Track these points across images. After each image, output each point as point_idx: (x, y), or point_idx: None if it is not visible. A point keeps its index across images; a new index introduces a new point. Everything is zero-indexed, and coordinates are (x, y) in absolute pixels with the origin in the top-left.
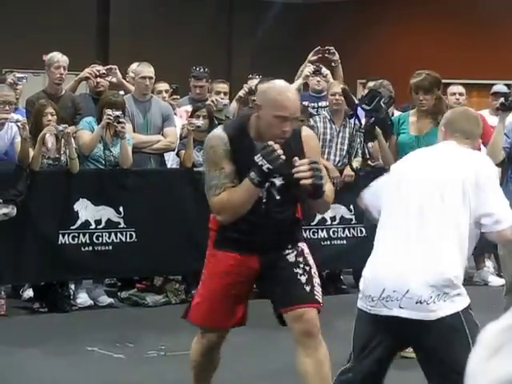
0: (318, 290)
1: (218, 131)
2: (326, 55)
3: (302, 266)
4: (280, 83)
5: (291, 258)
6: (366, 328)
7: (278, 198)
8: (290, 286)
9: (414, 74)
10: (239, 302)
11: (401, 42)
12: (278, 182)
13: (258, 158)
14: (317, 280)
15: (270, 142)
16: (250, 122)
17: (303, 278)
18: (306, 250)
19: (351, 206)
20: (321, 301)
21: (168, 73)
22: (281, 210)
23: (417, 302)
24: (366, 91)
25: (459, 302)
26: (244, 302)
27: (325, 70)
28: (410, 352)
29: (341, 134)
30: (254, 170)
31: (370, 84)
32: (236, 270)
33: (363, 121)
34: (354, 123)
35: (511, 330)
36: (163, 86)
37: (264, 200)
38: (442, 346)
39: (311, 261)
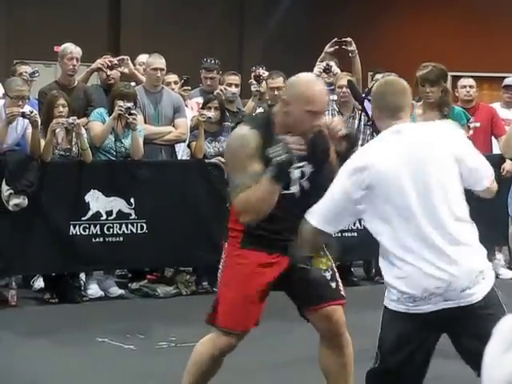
0: (341, 284)
1: (245, 129)
2: (343, 47)
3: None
4: (307, 77)
5: None
6: (405, 329)
7: (307, 187)
8: (316, 284)
9: (420, 66)
10: (262, 302)
11: (410, 33)
12: (307, 169)
13: (268, 152)
14: (337, 274)
15: (282, 137)
16: (274, 119)
17: (328, 275)
18: None
19: None
20: (345, 295)
21: (179, 64)
22: (307, 200)
23: (461, 291)
24: (373, 83)
25: (491, 276)
26: (264, 301)
27: (335, 69)
28: None
29: (349, 126)
30: (270, 165)
31: (378, 76)
32: (268, 271)
33: (370, 113)
34: (361, 115)
35: None
36: (172, 77)
37: (298, 196)
38: (484, 322)
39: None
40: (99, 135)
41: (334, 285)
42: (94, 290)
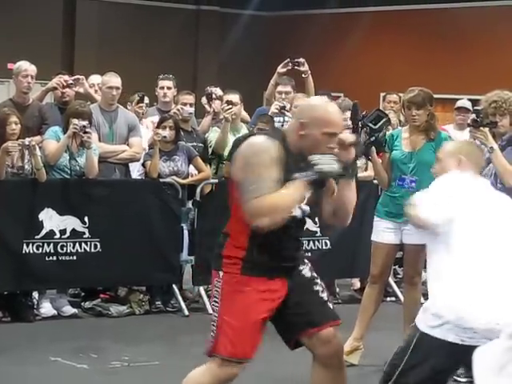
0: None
1: (263, 138)
2: (296, 67)
3: (318, 281)
4: (321, 100)
5: (307, 272)
6: (447, 358)
7: (306, 211)
8: (315, 306)
9: (407, 90)
10: (263, 329)
11: (366, 57)
12: (307, 193)
13: (315, 158)
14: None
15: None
16: (289, 139)
17: (325, 296)
18: None
19: (316, 219)
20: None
21: (133, 84)
22: (302, 223)
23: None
24: (373, 110)
25: None
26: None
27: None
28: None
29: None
30: (306, 170)
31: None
32: (271, 297)
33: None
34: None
35: (510, 352)
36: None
37: (298, 219)
38: None
39: None
40: (53, 153)
41: (331, 305)
42: (46, 308)
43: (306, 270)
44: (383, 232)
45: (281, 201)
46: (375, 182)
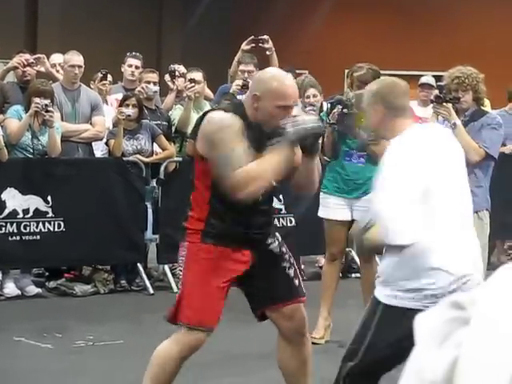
0: (301, 281)
1: (221, 113)
2: (260, 44)
3: (287, 257)
4: (276, 71)
5: (275, 248)
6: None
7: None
8: (281, 282)
9: (355, 67)
10: (225, 298)
11: (331, 34)
12: None
13: (286, 123)
14: (298, 270)
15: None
16: (248, 111)
17: (291, 272)
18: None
19: (280, 196)
20: (305, 291)
21: (96, 63)
22: (268, 197)
23: None
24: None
25: None
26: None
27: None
28: (318, 338)
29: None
30: (282, 134)
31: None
32: (233, 266)
33: None
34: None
35: (453, 323)
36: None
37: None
38: None
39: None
40: (15, 132)
41: (296, 282)
42: (10, 288)
43: (275, 245)
44: (335, 209)
45: (260, 170)
46: None
